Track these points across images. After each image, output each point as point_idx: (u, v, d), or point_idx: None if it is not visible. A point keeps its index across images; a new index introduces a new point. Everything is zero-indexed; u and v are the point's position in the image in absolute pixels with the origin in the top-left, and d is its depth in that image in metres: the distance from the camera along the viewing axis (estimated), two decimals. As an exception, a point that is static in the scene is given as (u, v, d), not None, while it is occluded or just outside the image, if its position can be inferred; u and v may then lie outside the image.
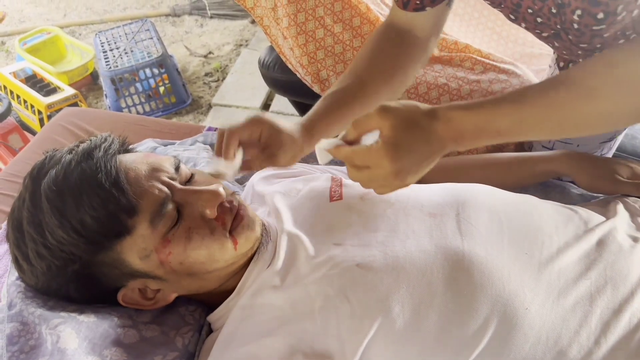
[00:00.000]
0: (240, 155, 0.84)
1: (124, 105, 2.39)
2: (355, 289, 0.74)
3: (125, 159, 0.79)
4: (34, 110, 2.25)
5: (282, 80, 1.43)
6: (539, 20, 0.97)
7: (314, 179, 0.97)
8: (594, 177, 1.02)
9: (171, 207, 0.77)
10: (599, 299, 0.77)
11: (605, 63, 0.71)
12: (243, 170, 0.86)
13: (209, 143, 1.22)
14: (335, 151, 0.75)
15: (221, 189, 0.80)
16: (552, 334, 0.74)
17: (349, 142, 0.75)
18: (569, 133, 0.78)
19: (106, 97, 2.44)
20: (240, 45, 2.83)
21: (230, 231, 0.80)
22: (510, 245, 0.80)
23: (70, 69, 2.53)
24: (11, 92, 2.33)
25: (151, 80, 2.41)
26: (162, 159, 0.82)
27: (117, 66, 2.37)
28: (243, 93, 2.48)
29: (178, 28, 3.00)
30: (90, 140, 0.81)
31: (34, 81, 2.36)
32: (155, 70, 2.40)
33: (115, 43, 2.50)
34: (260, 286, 0.80)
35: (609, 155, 1.15)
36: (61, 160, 0.77)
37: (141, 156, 0.81)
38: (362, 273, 0.76)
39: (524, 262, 0.78)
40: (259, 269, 0.82)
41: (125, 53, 2.45)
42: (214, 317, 0.84)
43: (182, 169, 0.83)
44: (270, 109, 2.42)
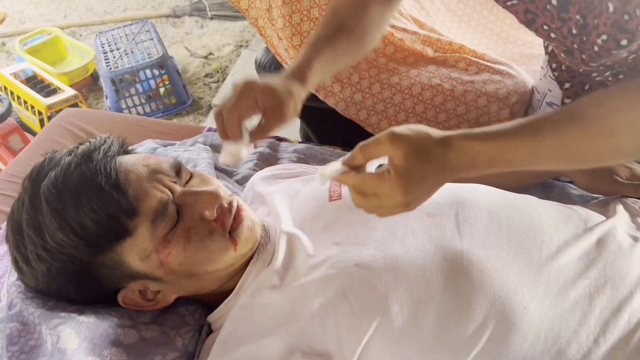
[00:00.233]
0: (247, 130, 0.82)
1: (124, 106, 2.39)
2: (354, 288, 0.75)
3: (125, 161, 0.79)
4: (34, 111, 2.25)
5: None
6: (553, 36, 0.97)
7: (314, 179, 0.97)
8: (593, 178, 1.02)
9: (172, 209, 0.77)
10: (598, 299, 0.77)
11: (623, 102, 0.71)
12: (255, 140, 0.83)
13: (209, 144, 1.22)
14: (342, 177, 0.70)
15: (220, 191, 0.81)
16: (551, 334, 0.74)
17: (353, 167, 0.71)
18: (583, 165, 0.78)
19: (106, 98, 2.44)
20: (241, 46, 2.83)
21: (230, 232, 0.80)
22: (509, 244, 0.80)
23: (70, 69, 2.53)
24: (11, 93, 2.33)
25: (151, 81, 2.41)
26: (162, 160, 0.82)
27: (118, 67, 2.38)
28: (243, 94, 2.48)
29: (178, 29, 3.00)
30: (90, 142, 0.81)
31: (35, 82, 2.36)
32: (156, 71, 2.40)
33: (115, 44, 2.50)
34: (259, 286, 0.80)
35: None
36: (60, 162, 0.77)
37: (141, 157, 0.81)
38: (361, 272, 0.76)
39: (523, 262, 0.78)
40: (258, 269, 0.83)
41: (126, 54, 2.45)
42: (213, 317, 0.84)
43: (183, 170, 0.83)
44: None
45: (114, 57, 2.43)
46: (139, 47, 2.48)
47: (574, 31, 0.93)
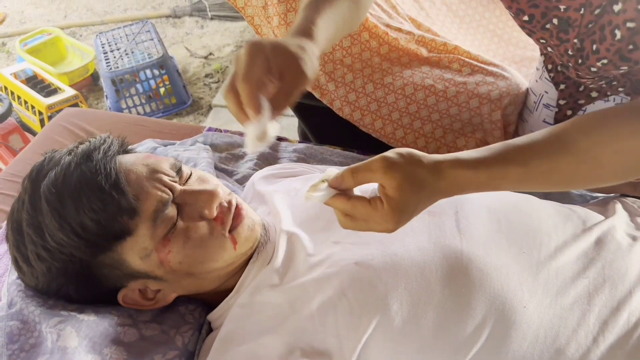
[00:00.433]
0: (266, 102, 0.67)
1: (124, 106, 2.39)
2: (353, 287, 0.75)
3: (124, 160, 0.79)
4: (35, 111, 2.25)
5: None
6: (549, 50, 0.97)
7: (314, 178, 0.97)
8: None
9: (172, 208, 0.77)
10: (597, 298, 0.77)
11: (613, 134, 0.71)
12: (279, 111, 0.69)
13: (209, 143, 1.22)
14: (331, 202, 0.68)
15: (219, 190, 0.81)
16: (550, 333, 0.75)
17: (340, 189, 0.68)
18: (570, 189, 0.78)
19: (107, 98, 2.44)
20: (241, 46, 2.83)
21: (230, 231, 0.80)
22: (508, 244, 0.80)
23: (70, 70, 2.53)
24: (12, 93, 2.33)
25: (152, 82, 2.41)
26: (162, 159, 0.82)
27: (118, 67, 2.38)
28: (243, 94, 2.49)
29: (178, 29, 3.00)
30: (90, 141, 0.81)
31: (35, 82, 2.36)
32: (156, 72, 2.40)
33: (115, 44, 2.50)
34: (259, 284, 0.80)
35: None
36: (60, 162, 0.77)
37: (141, 157, 0.81)
38: (361, 271, 0.76)
39: (522, 261, 0.79)
40: (258, 267, 0.83)
41: (126, 54, 2.45)
42: (213, 316, 0.85)
43: (183, 169, 0.83)
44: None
45: (114, 57, 2.43)
46: (139, 47, 2.48)
47: (570, 52, 0.93)
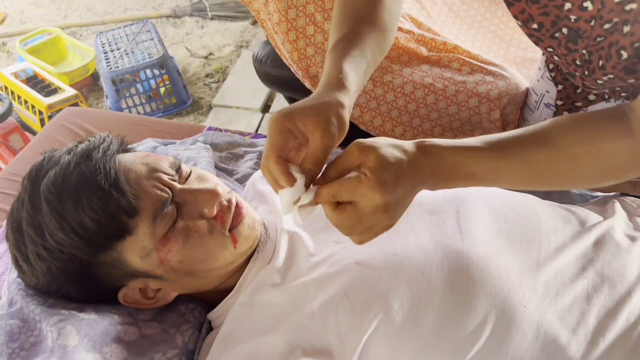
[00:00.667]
0: (298, 171, 0.67)
1: (124, 106, 2.39)
2: (354, 286, 0.75)
3: (124, 159, 0.79)
4: (35, 111, 2.25)
5: (275, 75, 1.44)
6: (556, 59, 0.97)
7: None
8: None
9: (171, 207, 0.77)
10: (596, 298, 0.77)
11: (590, 135, 0.71)
12: (312, 180, 0.68)
13: (209, 142, 1.22)
14: (319, 198, 0.66)
15: (219, 188, 0.80)
16: (551, 333, 0.75)
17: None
18: (544, 188, 0.77)
19: (107, 98, 2.44)
20: (241, 46, 2.83)
21: (230, 229, 0.80)
22: (509, 244, 0.80)
23: (71, 69, 2.53)
24: (12, 93, 2.33)
25: (152, 81, 2.41)
26: (161, 158, 0.82)
27: (118, 67, 2.37)
28: (243, 94, 2.49)
29: (179, 29, 3.00)
30: (89, 140, 0.81)
31: (35, 82, 2.36)
32: (156, 71, 2.40)
33: (116, 44, 2.50)
34: (259, 284, 0.80)
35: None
36: (60, 162, 0.77)
37: (140, 156, 0.81)
38: (362, 270, 0.76)
39: (522, 262, 0.79)
40: (258, 267, 0.83)
41: (126, 54, 2.45)
42: (214, 315, 0.85)
43: (182, 168, 0.83)
44: (271, 110, 2.42)
45: (115, 57, 2.43)
46: (140, 47, 2.48)
47: (578, 62, 0.93)
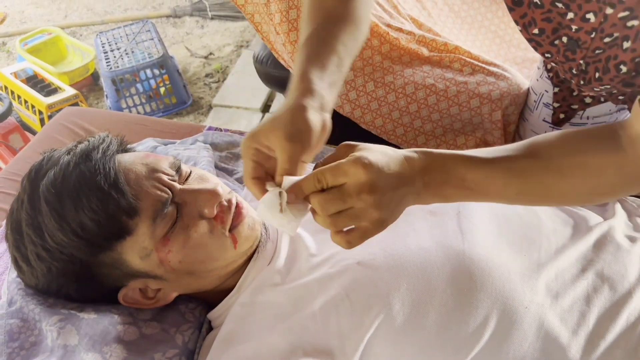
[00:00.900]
0: (273, 186, 0.66)
1: (124, 105, 2.39)
2: (355, 286, 0.75)
3: (124, 160, 0.79)
4: (35, 111, 2.25)
5: (275, 75, 1.44)
6: (553, 65, 0.97)
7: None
8: None
9: (171, 207, 0.77)
10: (596, 299, 0.77)
11: (577, 149, 0.70)
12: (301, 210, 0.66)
13: (209, 142, 1.22)
14: (304, 182, 0.64)
15: (219, 188, 0.80)
16: (551, 333, 0.75)
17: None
18: (534, 202, 0.76)
19: (107, 98, 2.44)
20: (241, 46, 2.83)
21: (230, 229, 0.80)
22: (509, 245, 0.80)
23: (71, 69, 2.53)
24: (12, 92, 2.33)
25: (152, 81, 2.41)
26: (161, 158, 0.82)
27: (118, 67, 2.37)
28: (244, 94, 2.48)
29: (179, 29, 3.00)
30: (89, 140, 0.80)
31: (35, 81, 2.36)
32: (156, 71, 2.40)
33: (116, 44, 2.50)
34: (260, 284, 0.80)
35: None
36: (59, 162, 0.77)
37: (140, 156, 0.81)
38: (363, 271, 0.76)
39: (522, 263, 0.79)
40: (258, 267, 0.83)
41: (126, 54, 2.45)
42: (214, 315, 0.84)
43: (182, 168, 0.83)
44: (271, 110, 2.42)
45: (115, 57, 2.43)
46: (140, 47, 2.47)
47: (575, 72, 0.93)
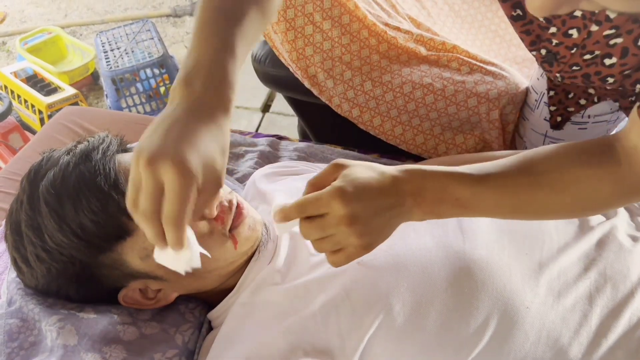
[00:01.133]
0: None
1: (124, 105, 2.39)
2: (356, 286, 0.74)
3: (124, 160, 0.78)
4: (35, 110, 2.25)
5: (274, 74, 1.44)
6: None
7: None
8: None
9: None
10: (599, 299, 0.77)
11: (571, 162, 0.71)
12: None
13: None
14: (290, 210, 0.66)
15: (220, 189, 0.80)
16: (553, 333, 0.74)
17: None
18: (527, 218, 0.75)
19: (107, 97, 2.43)
20: (241, 46, 2.83)
21: (231, 230, 0.79)
22: (510, 245, 0.80)
23: (71, 68, 2.53)
24: (12, 92, 2.33)
25: (152, 81, 2.41)
26: (161, 158, 0.81)
27: (118, 66, 2.37)
28: (244, 94, 2.48)
29: (179, 29, 3.00)
30: (88, 140, 0.80)
31: (35, 81, 2.36)
32: (156, 71, 2.40)
33: (116, 43, 2.50)
34: (260, 284, 0.80)
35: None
36: (59, 162, 0.77)
37: None
38: (363, 271, 0.76)
39: (524, 262, 0.78)
40: (259, 266, 0.82)
41: (126, 53, 2.44)
42: (214, 315, 0.84)
43: None
44: (271, 110, 2.42)
45: (115, 57, 2.43)
46: (140, 47, 2.47)
47: (551, 79, 0.93)
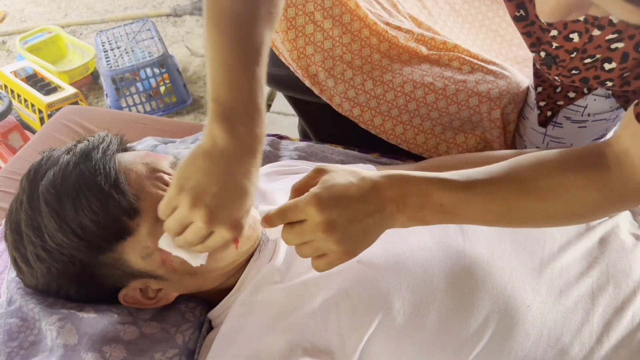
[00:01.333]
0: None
1: (124, 104, 2.39)
2: (356, 285, 0.74)
3: (124, 159, 0.78)
4: (35, 109, 2.25)
5: (274, 73, 1.43)
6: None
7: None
8: None
9: None
10: (601, 297, 0.77)
11: (558, 168, 0.70)
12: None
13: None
14: (272, 217, 0.69)
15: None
16: (554, 332, 0.74)
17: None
18: (513, 225, 0.74)
19: (107, 97, 2.43)
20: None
21: (231, 229, 0.79)
22: (511, 243, 0.80)
23: (71, 68, 2.53)
24: (12, 91, 2.33)
25: (152, 80, 2.41)
26: (161, 157, 0.81)
27: (118, 66, 2.37)
28: (244, 93, 2.48)
29: (179, 28, 3.00)
30: (88, 140, 0.80)
31: (35, 80, 2.35)
32: (156, 70, 2.40)
33: (116, 43, 2.50)
34: (260, 283, 0.79)
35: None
36: (59, 162, 0.76)
37: (140, 155, 0.80)
38: (363, 270, 0.75)
39: (525, 261, 0.78)
40: (259, 266, 0.82)
41: (126, 53, 2.44)
42: (214, 314, 0.84)
43: None
44: (271, 109, 2.42)
45: (115, 56, 2.43)
46: (140, 46, 2.47)
47: (549, 80, 0.93)
